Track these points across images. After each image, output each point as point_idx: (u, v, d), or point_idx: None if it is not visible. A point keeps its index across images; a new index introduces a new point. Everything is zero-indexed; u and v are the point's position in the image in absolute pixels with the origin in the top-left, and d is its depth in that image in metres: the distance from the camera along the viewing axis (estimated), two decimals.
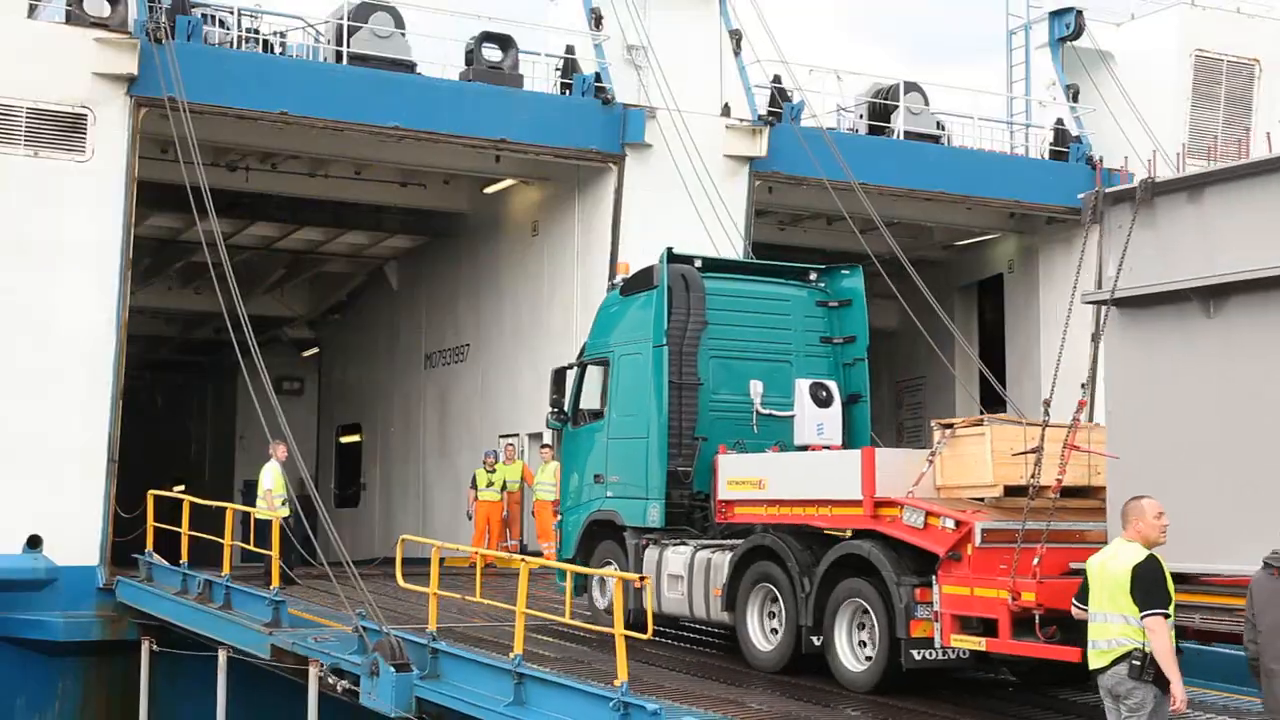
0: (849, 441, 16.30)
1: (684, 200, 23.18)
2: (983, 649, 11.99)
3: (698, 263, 16.86)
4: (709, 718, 11.78)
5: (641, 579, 11.40)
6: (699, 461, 16.05)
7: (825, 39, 78.02)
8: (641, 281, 16.97)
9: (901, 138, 27.68)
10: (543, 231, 26.80)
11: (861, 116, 28.26)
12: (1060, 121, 29.64)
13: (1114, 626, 9.71)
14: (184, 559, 20.58)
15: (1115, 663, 9.69)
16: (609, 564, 16.66)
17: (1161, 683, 9.55)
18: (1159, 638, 9.53)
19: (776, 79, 26.37)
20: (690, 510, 16.14)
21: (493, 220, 28.57)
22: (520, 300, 27.07)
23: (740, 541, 14.78)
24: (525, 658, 13.35)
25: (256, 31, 24.11)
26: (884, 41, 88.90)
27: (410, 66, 24.26)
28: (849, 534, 13.34)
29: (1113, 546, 9.98)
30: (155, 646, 20.31)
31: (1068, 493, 12.05)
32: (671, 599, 15.38)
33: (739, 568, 14.53)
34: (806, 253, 31.05)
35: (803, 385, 16.15)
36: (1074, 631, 10.71)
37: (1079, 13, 29.74)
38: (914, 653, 12.54)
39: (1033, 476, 11.84)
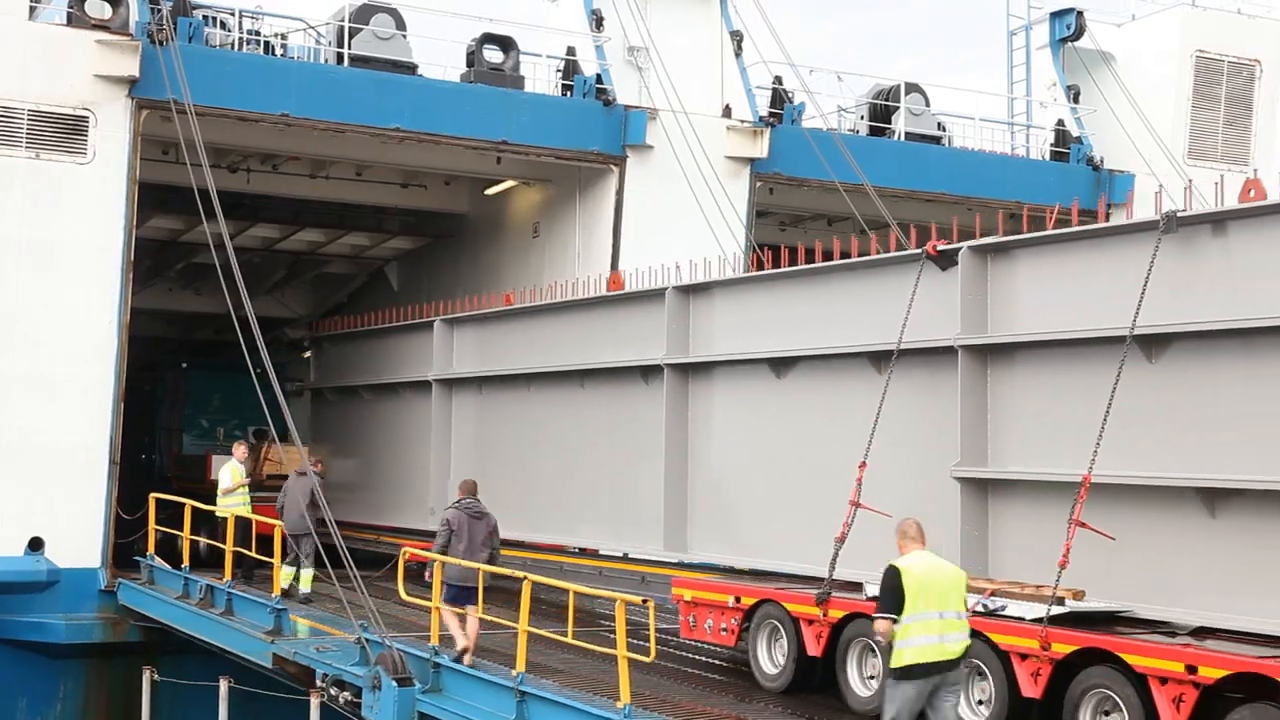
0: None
1: (685, 201, 23.17)
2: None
3: (185, 365, 31.21)
4: None
5: (644, 600, 11.44)
6: None
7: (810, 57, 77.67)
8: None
9: (903, 139, 27.66)
10: (544, 233, 26.79)
11: (862, 118, 28.23)
12: (1061, 122, 29.62)
13: (964, 622, 10.58)
14: (185, 563, 20.63)
15: (964, 655, 10.62)
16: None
17: None
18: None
19: (778, 80, 26.35)
20: None
21: (494, 222, 28.56)
22: None
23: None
24: (528, 671, 13.38)
25: (258, 33, 24.10)
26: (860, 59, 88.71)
27: (411, 68, 24.23)
28: None
29: (927, 556, 10.73)
30: (158, 650, 20.32)
31: (277, 478, 23.48)
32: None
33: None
34: (807, 253, 30.96)
35: (249, 429, 28.54)
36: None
37: (1079, 13, 29.70)
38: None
39: (252, 472, 23.89)
